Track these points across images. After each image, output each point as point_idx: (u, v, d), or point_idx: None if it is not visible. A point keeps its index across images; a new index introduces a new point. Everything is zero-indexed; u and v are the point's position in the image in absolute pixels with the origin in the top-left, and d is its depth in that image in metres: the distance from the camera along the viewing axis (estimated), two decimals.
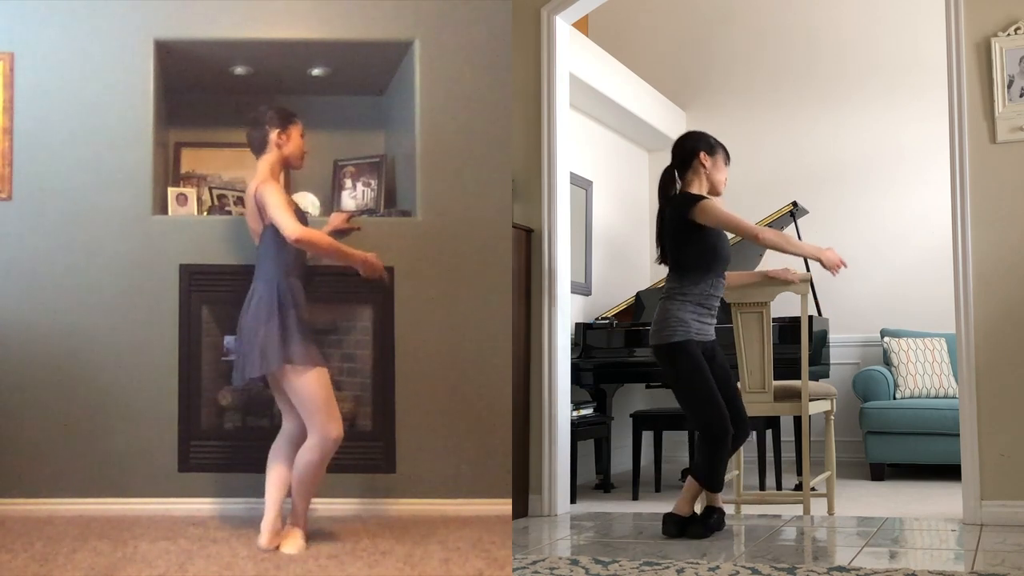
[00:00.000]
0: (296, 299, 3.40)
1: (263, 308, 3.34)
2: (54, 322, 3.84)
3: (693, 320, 4.03)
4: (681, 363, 4.00)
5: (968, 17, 4.24)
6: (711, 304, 4.10)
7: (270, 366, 3.31)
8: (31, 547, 3.34)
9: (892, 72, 7.06)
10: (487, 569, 3.15)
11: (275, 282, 3.38)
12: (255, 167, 3.55)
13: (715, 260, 4.08)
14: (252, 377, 3.35)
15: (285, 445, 3.47)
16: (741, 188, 7.18)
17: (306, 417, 3.33)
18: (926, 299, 6.64)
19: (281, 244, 3.40)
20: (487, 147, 4.00)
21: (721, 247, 4.11)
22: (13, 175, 3.87)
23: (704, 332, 4.07)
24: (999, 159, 4.18)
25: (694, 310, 4.04)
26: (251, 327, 3.34)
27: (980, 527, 4.03)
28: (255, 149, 3.55)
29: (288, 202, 3.43)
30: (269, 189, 3.41)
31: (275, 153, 3.54)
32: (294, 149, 3.58)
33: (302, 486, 3.37)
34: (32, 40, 3.90)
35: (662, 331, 4.03)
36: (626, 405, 6.60)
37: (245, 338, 3.36)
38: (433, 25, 4.00)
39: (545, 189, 4.83)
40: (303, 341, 3.34)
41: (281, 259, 3.41)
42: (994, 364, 4.13)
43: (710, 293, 4.08)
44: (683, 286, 4.05)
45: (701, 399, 3.97)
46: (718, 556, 3.55)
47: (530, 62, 4.90)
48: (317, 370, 3.34)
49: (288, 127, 3.56)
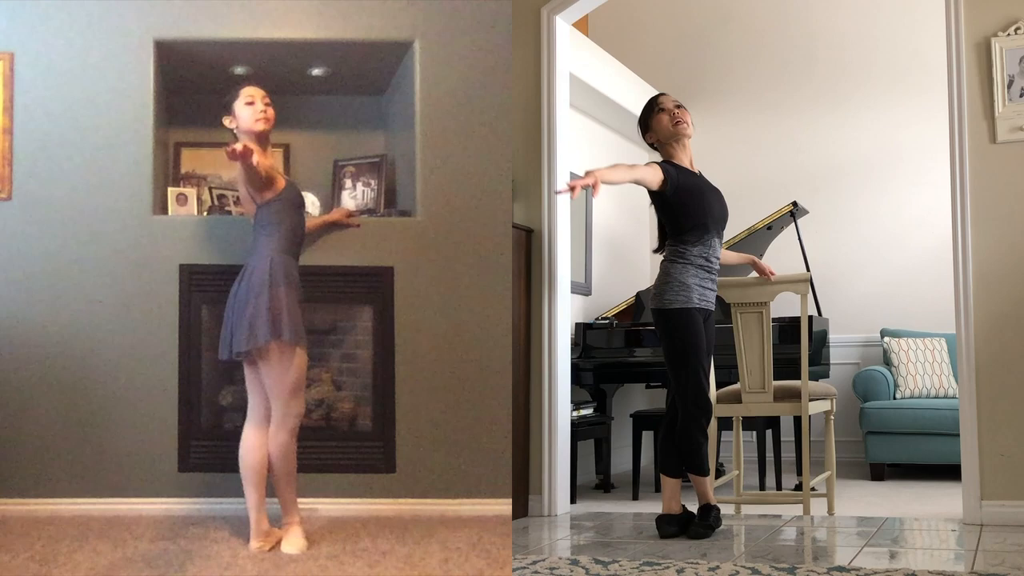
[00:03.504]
0: (288, 275, 3.38)
1: (255, 282, 3.32)
2: (54, 322, 3.84)
3: (696, 285, 4.00)
4: (679, 331, 3.97)
5: (968, 17, 4.24)
6: (712, 266, 4.07)
7: (258, 341, 3.29)
8: (31, 547, 3.34)
9: (892, 72, 7.06)
10: (487, 569, 3.15)
11: (268, 258, 3.36)
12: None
13: (706, 217, 4.05)
14: (239, 352, 3.32)
15: (255, 435, 3.39)
16: (741, 188, 7.18)
17: (275, 395, 3.32)
18: (926, 299, 6.65)
19: (276, 221, 3.39)
20: (487, 147, 4.00)
21: (711, 204, 4.09)
22: (13, 175, 3.87)
23: (706, 299, 4.04)
24: (999, 159, 4.18)
25: (696, 273, 4.02)
26: (242, 300, 3.32)
27: (980, 527, 4.03)
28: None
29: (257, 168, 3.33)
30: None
31: (237, 136, 3.46)
32: (245, 120, 3.45)
33: (282, 474, 3.35)
34: (32, 40, 3.90)
35: (663, 295, 4.01)
36: (626, 405, 6.60)
37: (235, 311, 3.34)
38: (433, 25, 4.00)
39: (545, 189, 4.83)
40: (291, 318, 3.33)
41: (275, 235, 3.40)
42: (994, 364, 4.13)
43: (709, 253, 4.06)
44: (682, 248, 4.03)
45: (689, 371, 3.96)
46: (718, 556, 3.55)
47: (530, 62, 4.90)
48: (300, 350, 3.34)
49: (231, 106, 3.47)
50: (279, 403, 3.33)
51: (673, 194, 4.05)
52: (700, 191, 4.10)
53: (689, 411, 3.97)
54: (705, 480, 4.05)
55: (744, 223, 6.19)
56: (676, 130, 4.13)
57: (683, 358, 3.98)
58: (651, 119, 4.18)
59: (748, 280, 4.61)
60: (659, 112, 4.16)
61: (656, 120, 4.16)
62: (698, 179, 4.15)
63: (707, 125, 7.62)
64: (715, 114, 7.57)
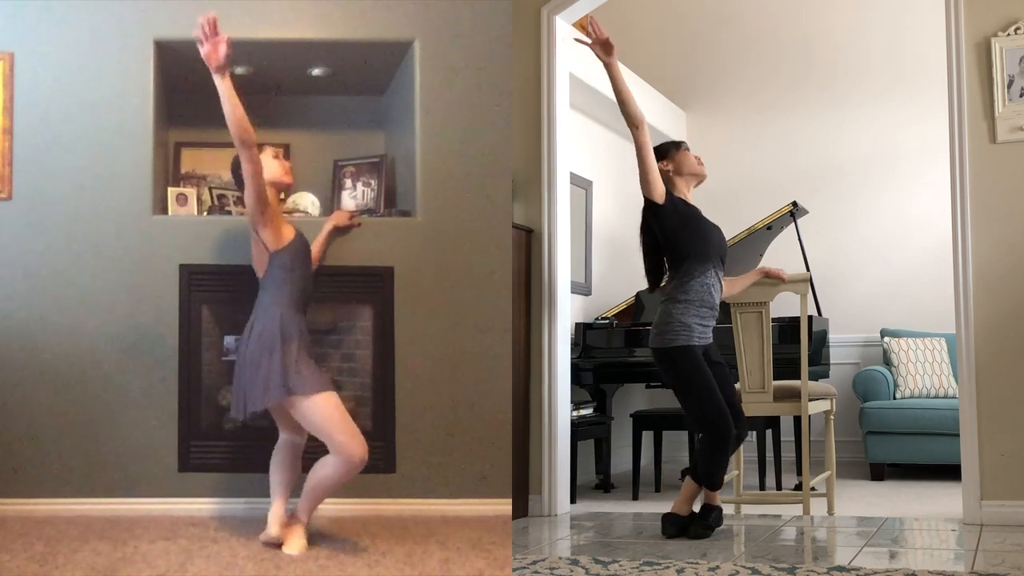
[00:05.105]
0: (300, 332, 3.37)
1: (266, 341, 3.29)
2: (54, 322, 3.84)
3: (696, 324, 4.03)
4: (682, 366, 4.00)
5: (968, 17, 4.24)
6: (712, 302, 4.09)
7: (272, 399, 3.27)
8: (31, 547, 3.34)
9: (892, 72, 7.07)
10: (487, 569, 3.15)
11: (278, 315, 3.34)
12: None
13: (706, 245, 4.08)
14: (254, 411, 3.30)
15: (285, 455, 3.48)
16: (741, 188, 7.20)
17: (325, 441, 3.26)
18: (926, 299, 6.65)
19: (285, 277, 3.39)
20: (487, 147, 4.00)
21: (710, 232, 4.13)
22: (13, 175, 3.87)
23: (705, 336, 4.07)
24: (999, 159, 4.18)
25: (697, 312, 4.04)
26: (253, 360, 3.29)
27: (980, 527, 4.03)
28: (240, 186, 3.48)
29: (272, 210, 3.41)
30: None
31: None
32: (274, 172, 3.50)
33: (312, 492, 3.33)
34: (32, 40, 3.90)
35: (664, 335, 4.03)
36: (626, 405, 6.60)
37: (246, 371, 3.30)
38: (433, 25, 4.00)
39: (545, 189, 4.83)
40: (306, 369, 3.30)
41: (285, 291, 3.39)
42: (994, 364, 4.13)
43: (710, 287, 4.07)
44: (683, 284, 4.05)
45: (703, 401, 3.98)
46: (718, 556, 3.55)
47: (530, 62, 4.90)
48: (325, 394, 3.27)
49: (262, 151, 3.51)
50: (332, 447, 3.25)
51: (672, 212, 4.07)
52: (700, 219, 4.15)
53: (714, 435, 3.97)
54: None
55: (744, 223, 6.19)
56: (699, 169, 4.22)
57: (690, 387, 4.01)
58: (675, 152, 4.22)
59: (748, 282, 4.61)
60: (686, 150, 4.24)
61: (683, 155, 4.22)
62: (697, 211, 4.19)
63: (707, 125, 7.62)
64: (715, 114, 7.57)
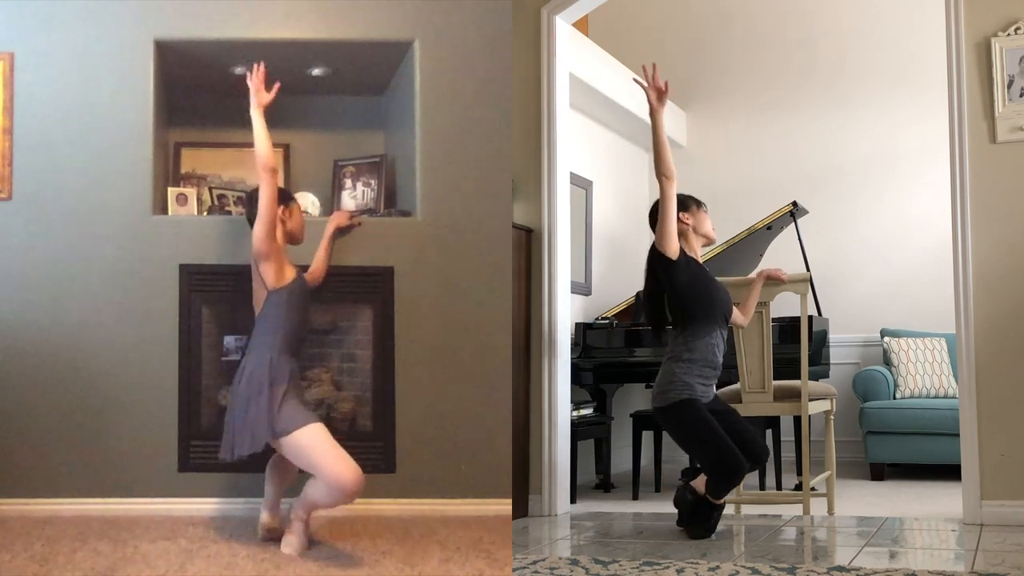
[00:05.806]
0: (290, 373, 3.38)
1: (254, 383, 3.32)
2: (54, 322, 3.84)
3: (699, 383, 4.04)
4: (686, 418, 4.01)
5: (968, 17, 4.24)
6: (716, 362, 4.10)
7: (258, 445, 3.29)
8: (31, 547, 3.34)
9: (892, 72, 7.07)
10: (487, 569, 3.15)
11: (268, 358, 3.35)
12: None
13: (713, 305, 4.10)
14: (241, 456, 3.32)
15: (278, 469, 3.52)
16: (741, 188, 7.19)
17: (314, 473, 3.24)
18: (926, 299, 6.64)
19: (281, 317, 3.40)
20: (487, 147, 4.00)
21: (717, 291, 4.15)
22: (13, 175, 3.87)
23: (707, 395, 4.10)
24: (999, 159, 4.18)
25: (700, 372, 4.05)
26: (242, 401, 3.32)
27: (980, 527, 4.03)
28: (252, 219, 3.49)
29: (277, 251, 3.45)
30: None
31: (279, 227, 3.50)
32: (295, 225, 3.56)
33: (305, 507, 3.32)
34: (32, 40, 3.89)
35: (666, 393, 4.04)
36: (626, 405, 6.60)
37: (236, 411, 3.33)
38: (433, 25, 4.00)
39: (545, 189, 4.83)
40: (288, 408, 3.30)
41: (277, 334, 3.39)
42: (994, 364, 4.13)
43: (714, 348, 4.09)
44: (688, 343, 4.05)
45: (712, 446, 3.97)
46: (718, 556, 3.55)
47: (530, 62, 4.90)
48: (308, 427, 3.26)
49: (290, 204, 3.57)
50: (321, 477, 3.21)
51: (684, 270, 4.06)
52: (708, 280, 4.15)
53: (725, 473, 3.95)
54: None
55: (744, 223, 6.19)
56: (713, 234, 4.26)
57: (695, 436, 4.02)
58: (696, 209, 4.22)
59: (747, 280, 4.61)
60: (705, 211, 4.25)
61: (702, 215, 4.23)
62: (705, 271, 4.21)
63: (706, 126, 7.62)
64: (715, 114, 7.57)
